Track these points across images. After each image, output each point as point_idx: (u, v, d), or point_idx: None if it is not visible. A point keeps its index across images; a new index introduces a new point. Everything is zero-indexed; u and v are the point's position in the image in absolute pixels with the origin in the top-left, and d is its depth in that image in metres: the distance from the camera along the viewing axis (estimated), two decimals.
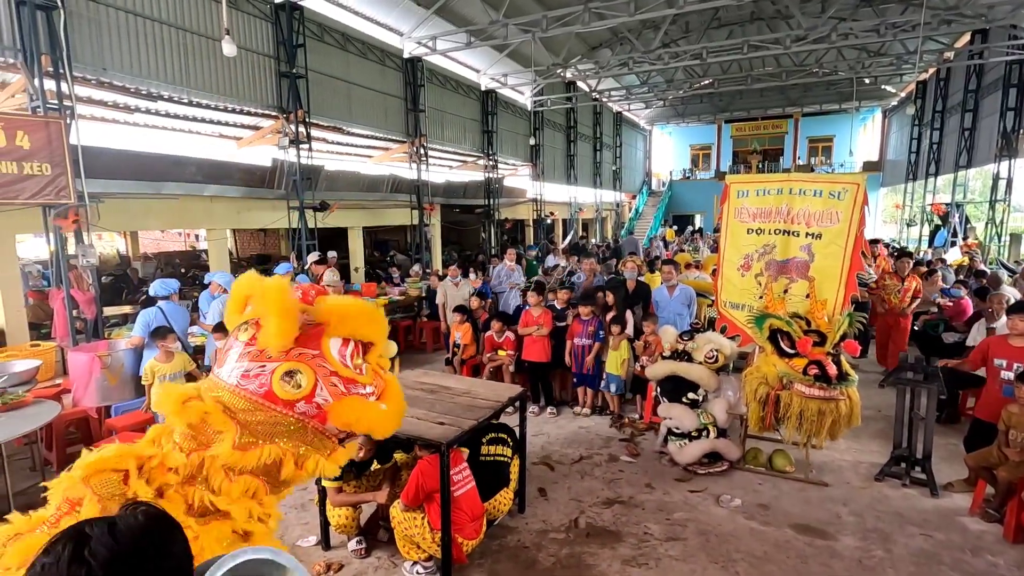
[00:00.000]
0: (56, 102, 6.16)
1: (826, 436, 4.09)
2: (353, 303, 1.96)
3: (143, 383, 4.78)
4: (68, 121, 6.15)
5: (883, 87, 22.44)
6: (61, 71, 6.16)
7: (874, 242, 7.72)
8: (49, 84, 6.11)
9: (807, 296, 4.37)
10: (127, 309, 9.37)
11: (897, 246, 16.87)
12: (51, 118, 6.01)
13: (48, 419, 3.97)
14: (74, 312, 6.51)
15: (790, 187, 4.50)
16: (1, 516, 1.45)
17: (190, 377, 4.77)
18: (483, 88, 15.71)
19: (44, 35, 6.03)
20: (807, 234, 4.44)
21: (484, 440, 3.71)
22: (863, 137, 27.86)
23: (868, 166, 25.85)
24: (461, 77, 14.84)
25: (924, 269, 8.23)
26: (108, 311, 8.21)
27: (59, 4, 6.05)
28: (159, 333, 4.69)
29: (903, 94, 22.40)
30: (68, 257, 6.46)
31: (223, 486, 1.67)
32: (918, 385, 4.22)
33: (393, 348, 2.14)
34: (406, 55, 12.40)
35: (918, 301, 6.94)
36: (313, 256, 7.89)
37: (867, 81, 20.46)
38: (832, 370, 3.87)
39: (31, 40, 5.95)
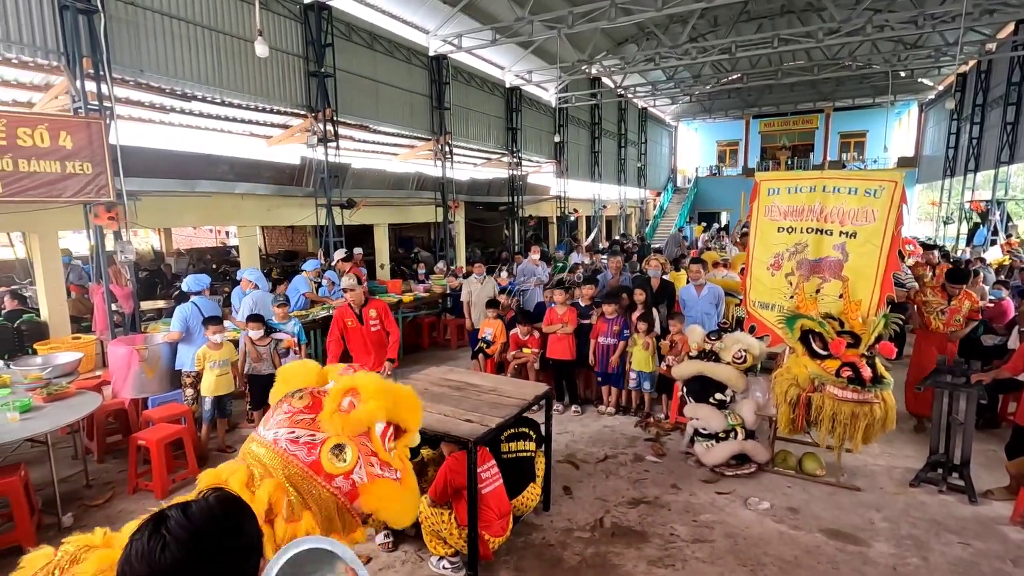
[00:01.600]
0: (96, 103, 6.36)
1: (861, 441, 4.00)
2: (402, 390, 2.06)
3: (196, 368, 4.96)
4: (108, 121, 6.35)
5: (920, 80, 21.69)
6: (101, 73, 6.36)
7: (929, 247, 6.41)
8: (90, 86, 6.32)
9: (840, 296, 4.26)
10: (161, 304, 9.64)
11: (930, 244, 16.35)
12: (92, 119, 6.22)
13: (90, 410, 4.12)
14: (113, 306, 6.74)
15: (823, 184, 4.40)
16: (47, 501, 1.49)
17: (232, 365, 5.12)
18: (508, 85, 15.71)
19: (85, 38, 6.23)
20: (841, 233, 4.33)
21: (503, 438, 3.66)
22: (898, 132, 27.02)
23: (903, 162, 25.06)
24: (486, 74, 14.86)
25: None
26: (144, 305, 8.46)
27: (99, 8, 6.24)
28: (210, 322, 4.88)
29: (941, 87, 21.64)
30: (107, 253, 6.68)
31: None
32: (957, 388, 4.09)
33: (417, 438, 2.24)
34: (432, 53, 12.46)
35: (973, 325, 5.41)
36: (340, 253, 8.01)
37: (903, 74, 19.82)
38: (867, 372, 3.77)
39: (73, 43, 6.16)
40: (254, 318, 5.21)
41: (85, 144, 6.10)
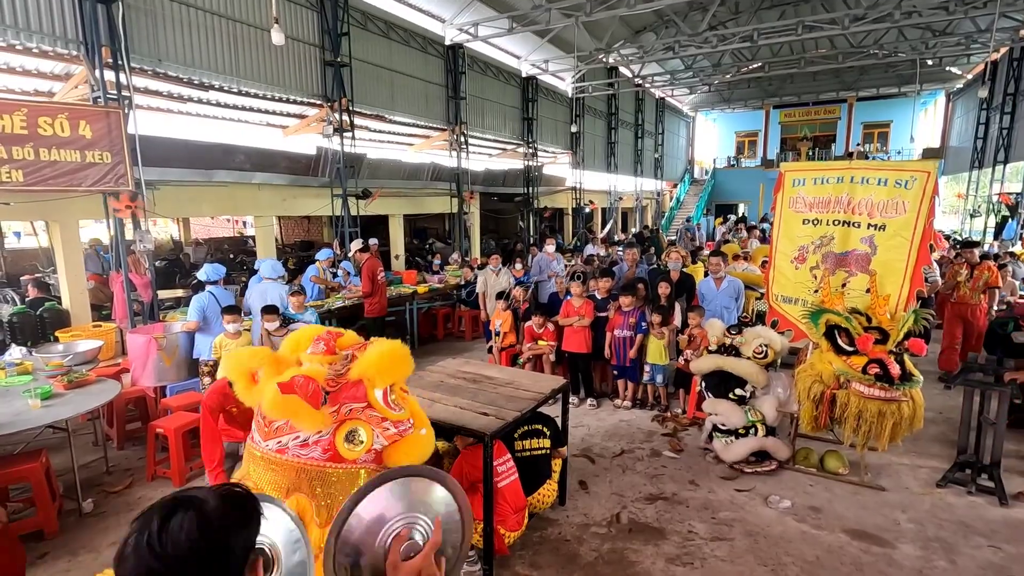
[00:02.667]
0: (115, 93, 6.39)
1: (887, 440, 3.89)
2: (388, 354, 2.08)
3: (213, 356, 4.99)
4: (126, 111, 6.38)
5: (948, 69, 21.03)
6: (120, 63, 6.38)
7: (969, 244, 6.73)
8: (109, 75, 6.34)
9: (867, 291, 4.14)
10: (180, 292, 9.77)
11: (959, 238, 15.93)
12: (111, 108, 6.25)
13: (110, 397, 4.15)
14: (132, 295, 6.81)
15: (851, 175, 4.26)
16: (68, 487, 1.49)
17: None
18: (524, 75, 15.54)
19: (104, 28, 6.25)
20: (869, 225, 4.20)
21: (517, 435, 3.59)
22: (923, 122, 26.29)
23: (928, 153, 24.40)
24: (502, 64, 14.71)
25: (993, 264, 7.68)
26: (162, 294, 8.57)
27: None
28: (228, 311, 4.90)
29: (970, 76, 20.98)
30: (127, 243, 6.74)
31: None
32: (988, 387, 3.95)
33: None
34: (448, 42, 12.35)
35: (998, 296, 6.21)
36: (357, 243, 7.99)
37: (930, 63, 19.22)
38: (895, 370, 3.66)
39: (92, 33, 6.18)
40: (269, 309, 5.21)
41: (104, 133, 6.13)
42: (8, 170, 5.46)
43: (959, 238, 14.88)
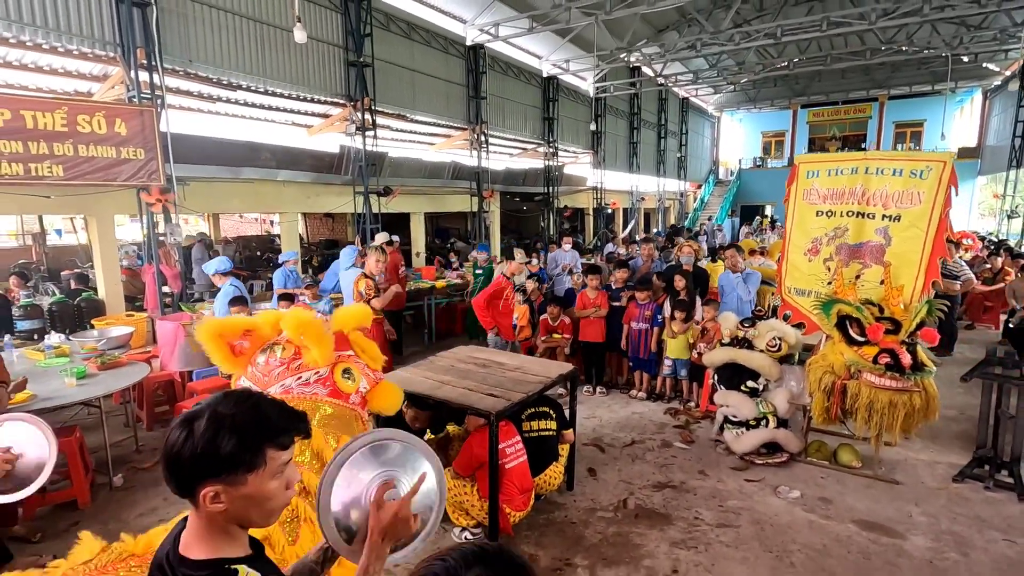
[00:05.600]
0: (148, 92, 6.68)
1: (900, 432, 3.84)
2: (349, 310, 2.46)
3: None
4: (159, 109, 6.67)
5: (984, 65, 20.38)
6: (153, 63, 6.67)
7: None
8: (143, 76, 6.64)
9: (881, 283, 4.10)
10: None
11: (995, 239, 15.42)
12: (144, 107, 6.54)
13: (139, 378, 4.37)
14: (164, 288, 7.10)
15: (866, 166, 4.22)
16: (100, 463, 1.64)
17: None
18: (544, 75, 15.62)
19: (139, 30, 6.54)
20: (884, 216, 4.15)
21: (524, 416, 3.67)
22: (959, 121, 25.48)
23: (964, 153, 23.61)
24: (523, 64, 14.82)
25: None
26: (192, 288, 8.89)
27: (153, 0, 6.54)
28: (236, 302, 5.06)
29: (1008, 72, 20.29)
30: (158, 236, 7.03)
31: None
32: (1007, 381, 3.87)
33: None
34: (468, 42, 12.51)
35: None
36: (381, 236, 8.12)
37: (965, 59, 18.66)
38: (906, 359, 3.62)
39: (128, 35, 6.48)
40: (285, 296, 5.39)
41: (138, 131, 6.43)
42: (49, 165, 5.77)
43: (995, 239, 14.42)
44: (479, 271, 8.16)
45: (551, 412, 3.73)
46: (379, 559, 1.12)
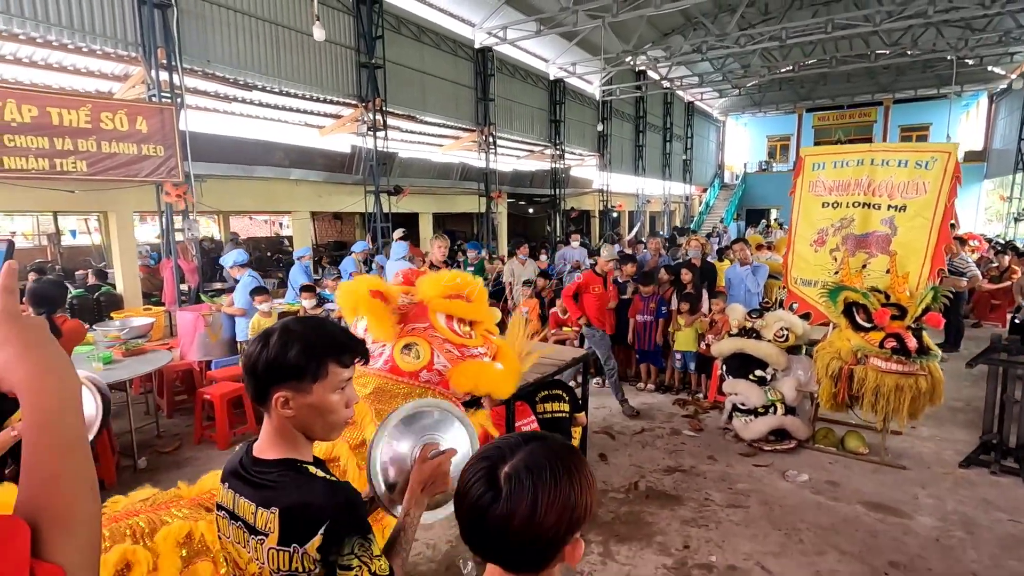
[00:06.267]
0: (168, 92, 6.86)
1: (906, 416, 3.92)
2: (450, 280, 2.17)
3: (250, 336, 5.30)
4: (178, 108, 6.84)
5: (990, 68, 20.42)
6: (173, 64, 6.85)
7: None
8: (163, 75, 6.81)
9: (887, 272, 4.18)
10: (217, 285, 10.27)
11: (1002, 241, 15.42)
12: (164, 105, 6.71)
13: (162, 364, 4.51)
14: (181, 285, 7.26)
15: (872, 157, 4.33)
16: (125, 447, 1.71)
17: None
18: (551, 77, 15.79)
19: (160, 31, 6.72)
20: (889, 206, 4.25)
21: (538, 399, 3.77)
22: (965, 124, 25.48)
23: (970, 156, 23.62)
24: (530, 67, 14.99)
25: None
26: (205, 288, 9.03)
27: (173, 2, 6.73)
28: (258, 292, 5.20)
29: (1014, 76, 20.32)
30: (176, 231, 7.18)
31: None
32: (1012, 365, 3.95)
33: (497, 315, 2.38)
34: (477, 45, 12.69)
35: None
36: (399, 232, 8.24)
37: (970, 62, 18.72)
38: (912, 343, 3.70)
39: (149, 36, 6.66)
40: (306, 288, 5.52)
41: (158, 129, 6.60)
42: (74, 160, 5.94)
43: (1002, 241, 14.41)
44: (470, 267, 8.45)
45: (564, 395, 3.82)
46: (418, 506, 1.26)
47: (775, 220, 24.57)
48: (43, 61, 6.77)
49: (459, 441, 1.49)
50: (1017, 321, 6.86)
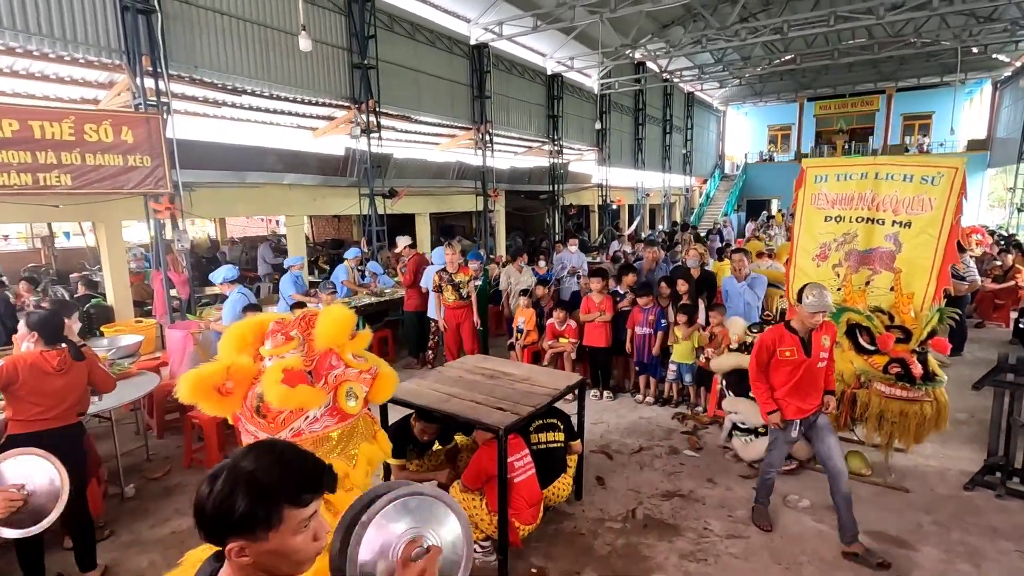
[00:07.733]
0: (155, 99, 6.70)
1: (912, 440, 3.82)
2: (338, 320, 2.34)
3: None
4: (165, 116, 6.68)
5: (994, 56, 20.09)
6: (159, 70, 6.68)
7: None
8: (148, 83, 6.65)
9: (891, 289, 4.06)
10: (216, 289, 10.16)
11: (1005, 233, 15.27)
12: (150, 114, 6.56)
13: (149, 389, 4.41)
14: (171, 292, 7.14)
15: (876, 171, 4.19)
16: (111, 473, 1.64)
17: None
18: (549, 72, 15.54)
19: (144, 37, 6.55)
20: (894, 222, 4.12)
21: (532, 428, 3.65)
22: (968, 112, 25.16)
23: (973, 145, 23.37)
24: (527, 62, 14.75)
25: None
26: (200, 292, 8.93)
27: (157, 7, 6.55)
28: (249, 309, 5.09)
29: (1018, 64, 20.02)
30: (166, 242, 7.05)
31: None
32: (1019, 388, 3.84)
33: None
34: (473, 42, 12.46)
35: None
36: (404, 240, 8.09)
37: (975, 50, 18.40)
38: (917, 370, 3.59)
39: (133, 42, 6.49)
40: (299, 305, 5.42)
41: (144, 138, 6.44)
42: (58, 174, 5.80)
43: (1005, 233, 14.26)
44: (476, 280, 8.24)
45: (559, 424, 3.72)
46: None
47: (778, 211, 24.43)
48: (25, 71, 6.61)
49: (446, 532, 1.28)
50: (1021, 325, 6.76)
